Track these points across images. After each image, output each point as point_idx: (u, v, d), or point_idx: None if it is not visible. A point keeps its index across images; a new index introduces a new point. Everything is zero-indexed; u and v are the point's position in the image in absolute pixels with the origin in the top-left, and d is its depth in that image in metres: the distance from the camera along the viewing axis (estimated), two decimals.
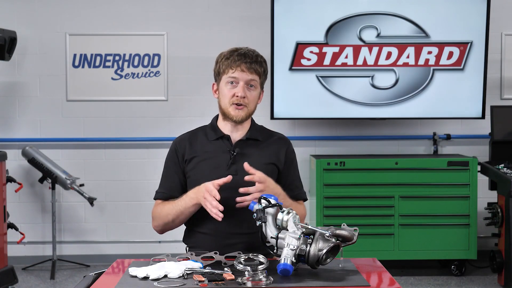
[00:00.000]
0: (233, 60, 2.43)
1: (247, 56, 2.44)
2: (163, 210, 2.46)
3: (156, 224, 2.51)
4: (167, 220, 2.45)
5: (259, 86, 2.49)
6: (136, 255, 5.18)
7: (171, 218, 2.44)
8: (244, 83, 2.43)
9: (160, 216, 2.47)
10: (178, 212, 2.41)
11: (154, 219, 2.51)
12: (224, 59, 2.46)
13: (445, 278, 4.82)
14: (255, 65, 2.44)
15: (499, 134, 4.89)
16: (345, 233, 2.10)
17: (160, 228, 2.51)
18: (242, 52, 2.46)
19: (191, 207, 2.38)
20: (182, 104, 5.31)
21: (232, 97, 2.44)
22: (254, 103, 2.49)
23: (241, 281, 1.93)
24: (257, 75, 2.45)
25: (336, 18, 4.99)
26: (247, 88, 2.45)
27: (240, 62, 2.42)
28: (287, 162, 2.54)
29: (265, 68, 2.50)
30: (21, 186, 5.02)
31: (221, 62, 2.47)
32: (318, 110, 5.08)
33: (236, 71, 2.43)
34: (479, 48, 5.01)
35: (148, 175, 5.22)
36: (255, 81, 2.46)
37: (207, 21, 5.30)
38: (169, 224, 2.47)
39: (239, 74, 2.43)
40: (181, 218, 2.44)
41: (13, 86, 5.29)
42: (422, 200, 4.77)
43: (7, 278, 4.51)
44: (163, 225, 2.49)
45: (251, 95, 2.46)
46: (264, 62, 2.50)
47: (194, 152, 2.50)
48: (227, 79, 2.45)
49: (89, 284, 2.03)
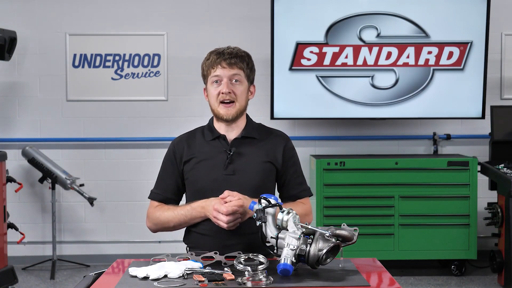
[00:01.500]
0: (212, 60, 2.47)
1: (225, 52, 2.46)
2: (163, 216, 2.47)
3: (151, 225, 2.53)
4: (167, 225, 2.48)
5: (245, 80, 2.49)
6: (136, 255, 5.18)
7: (172, 225, 2.47)
8: (227, 79, 2.45)
9: (160, 221, 2.49)
10: (182, 221, 2.45)
11: (150, 220, 2.52)
12: (206, 61, 2.50)
13: (445, 278, 4.82)
14: (235, 59, 2.45)
15: (499, 134, 4.89)
16: (345, 233, 2.10)
17: (155, 229, 2.54)
18: (221, 50, 2.49)
19: (197, 218, 2.42)
20: (182, 104, 5.31)
21: (218, 95, 2.46)
22: (242, 97, 2.49)
23: (241, 281, 1.93)
24: (239, 69, 2.46)
25: (336, 18, 4.99)
26: (232, 84, 2.46)
27: (220, 59, 2.45)
28: (286, 159, 2.53)
29: (248, 62, 2.50)
30: (21, 186, 5.02)
31: (204, 65, 2.51)
32: (318, 110, 5.08)
33: (217, 69, 2.45)
34: (479, 48, 5.01)
35: (148, 175, 5.18)
36: (239, 75, 2.47)
37: (207, 21, 5.30)
38: (168, 229, 2.50)
39: (221, 71, 2.45)
40: (183, 225, 2.48)
41: (13, 86, 5.29)
42: (422, 200, 4.77)
43: (7, 278, 4.51)
44: (161, 229, 2.52)
45: (238, 90, 2.47)
46: (247, 56, 2.51)
47: (192, 153, 2.50)
48: (211, 79, 2.48)
49: (89, 284, 2.03)
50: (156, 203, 2.54)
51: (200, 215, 2.40)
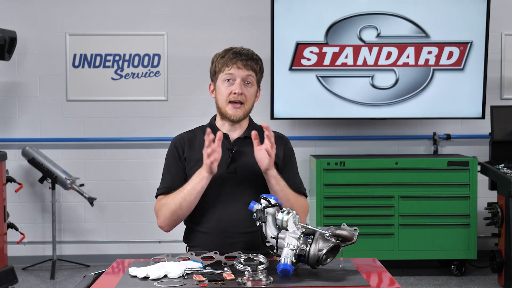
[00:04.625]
0: (228, 58, 2.45)
1: (242, 53, 2.47)
2: (168, 200, 2.39)
3: (162, 219, 2.41)
4: (174, 207, 2.36)
5: (255, 83, 2.51)
6: (136, 255, 5.19)
7: (178, 203, 2.35)
8: (241, 79, 2.45)
9: (166, 206, 2.38)
10: (185, 194, 2.34)
11: (159, 215, 2.42)
12: (220, 58, 2.48)
13: (445, 278, 4.82)
14: (251, 62, 2.46)
15: (499, 134, 4.89)
16: (345, 233, 2.10)
17: (167, 221, 2.40)
18: (237, 50, 2.49)
19: (198, 184, 2.33)
20: (182, 104, 5.31)
21: (229, 95, 2.45)
22: (251, 100, 2.50)
23: (241, 281, 1.93)
24: (253, 71, 2.47)
25: (336, 18, 4.99)
26: (244, 85, 2.46)
27: (236, 59, 2.45)
28: (286, 159, 2.54)
29: (261, 66, 2.52)
30: (21, 186, 5.02)
31: (216, 61, 2.49)
32: (318, 110, 5.08)
33: (233, 68, 2.44)
34: (479, 48, 5.01)
35: (148, 175, 5.22)
36: (252, 78, 2.48)
37: (207, 21, 5.30)
38: (176, 212, 2.37)
39: (236, 71, 2.45)
40: (188, 200, 2.35)
41: (13, 86, 5.29)
42: (422, 200, 4.77)
43: (7, 278, 4.51)
44: (170, 216, 2.38)
45: (249, 92, 2.47)
46: (260, 60, 2.52)
47: (193, 151, 2.50)
48: (224, 76, 2.46)
49: (89, 284, 2.03)
50: (162, 197, 2.45)
51: (199, 177, 2.33)
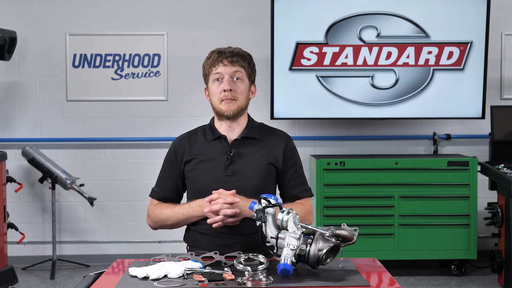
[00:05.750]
0: (214, 58, 2.49)
1: (226, 51, 2.50)
2: (162, 214, 2.51)
3: (151, 223, 2.57)
4: (166, 223, 2.52)
5: (246, 78, 2.52)
6: (136, 255, 5.19)
7: (171, 223, 2.50)
8: (229, 76, 2.47)
9: (159, 219, 2.52)
10: (180, 220, 2.48)
11: (150, 218, 2.56)
12: (207, 60, 2.53)
13: (445, 278, 4.82)
14: (237, 58, 2.48)
15: (499, 134, 4.89)
16: (345, 233, 2.10)
17: (155, 227, 2.57)
18: (222, 49, 2.52)
19: (195, 217, 2.45)
20: (182, 104, 5.31)
21: (220, 93, 2.47)
22: (243, 96, 2.50)
23: (241, 281, 1.93)
24: (240, 67, 2.49)
25: (336, 18, 4.99)
26: (233, 82, 2.48)
27: (221, 57, 2.48)
28: (286, 159, 2.53)
29: (249, 61, 2.53)
30: (21, 186, 5.02)
31: (205, 64, 2.54)
32: (318, 110, 5.08)
33: (219, 67, 2.48)
34: (479, 48, 5.01)
35: (148, 175, 5.18)
36: (240, 73, 2.49)
37: (207, 21, 5.30)
38: (167, 227, 2.54)
39: (223, 69, 2.47)
40: (182, 224, 2.51)
41: (13, 86, 5.29)
42: (422, 200, 4.77)
43: (7, 278, 4.51)
44: (160, 226, 2.55)
45: (239, 88, 2.48)
46: (248, 55, 2.54)
47: (193, 153, 2.52)
48: (213, 77, 2.50)
49: (89, 284, 2.03)
50: (156, 201, 2.57)
51: (197, 214, 2.42)
